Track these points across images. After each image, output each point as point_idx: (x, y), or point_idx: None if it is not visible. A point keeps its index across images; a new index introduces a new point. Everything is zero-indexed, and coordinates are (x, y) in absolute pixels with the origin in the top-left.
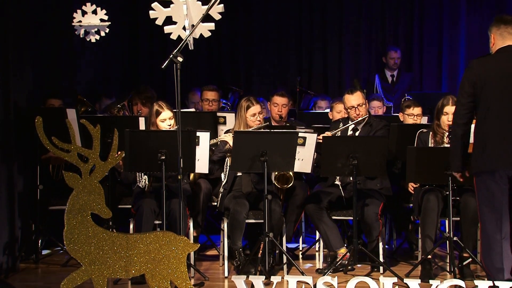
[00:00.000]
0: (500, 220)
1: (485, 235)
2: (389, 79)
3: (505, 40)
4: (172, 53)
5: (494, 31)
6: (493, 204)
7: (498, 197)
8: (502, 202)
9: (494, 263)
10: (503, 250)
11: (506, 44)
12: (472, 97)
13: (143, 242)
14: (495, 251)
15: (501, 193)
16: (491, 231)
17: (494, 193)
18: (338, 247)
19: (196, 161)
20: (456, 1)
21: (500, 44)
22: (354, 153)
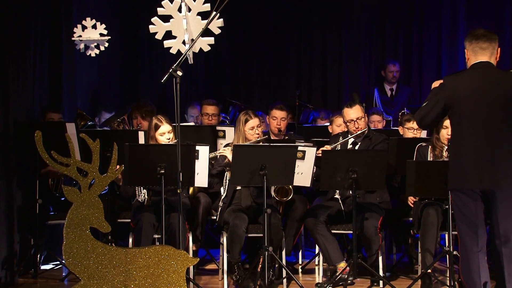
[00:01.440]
0: (476, 234)
1: (463, 250)
2: (388, 93)
3: (477, 56)
4: (171, 67)
5: (467, 46)
6: (469, 219)
7: (473, 212)
8: (477, 217)
9: (473, 277)
10: (480, 263)
11: (478, 60)
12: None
13: (142, 257)
14: (473, 266)
15: (475, 208)
16: (469, 246)
17: (469, 208)
18: (338, 261)
19: (196, 175)
20: (455, 15)
21: (473, 60)
22: (353, 167)
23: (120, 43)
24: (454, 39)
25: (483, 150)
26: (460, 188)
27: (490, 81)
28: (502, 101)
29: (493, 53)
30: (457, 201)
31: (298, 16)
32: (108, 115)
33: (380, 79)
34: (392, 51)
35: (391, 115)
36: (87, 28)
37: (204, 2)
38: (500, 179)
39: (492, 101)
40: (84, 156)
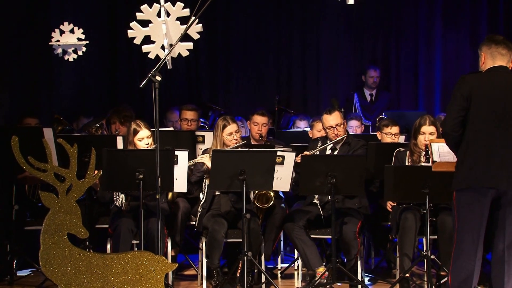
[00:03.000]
0: (477, 241)
1: (459, 255)
2: (368, 98)
3: (495, 60)
4: (150, 72)
5: (485, 50)
6: (473, 224)
7: (478, 216)
8: (482, 223)
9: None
10: (475, 271)
11: (497, 64)
12: (464, 111)
13: (121, 262)
14: (468, 273)
15: (481, 213)
16: (466, 252)
17: (475, 212)
18: (317, 266)
19: (175, 180)
20: (432, 22)
21: (490, 63)
22: (332, 172)
23: (99, 47)
24: (431, 46)
25: (498, 151)
26: (474, 186)
27: (508, 84)
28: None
29: (510, 60)
30: (463, 203)
31: (278, 21)
32: (86, 120)
33: (360, 84)
34: (371, 57)
35: (370, 120)
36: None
37: (183, 7)
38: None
39: (509, 104)
40: (62, 161)
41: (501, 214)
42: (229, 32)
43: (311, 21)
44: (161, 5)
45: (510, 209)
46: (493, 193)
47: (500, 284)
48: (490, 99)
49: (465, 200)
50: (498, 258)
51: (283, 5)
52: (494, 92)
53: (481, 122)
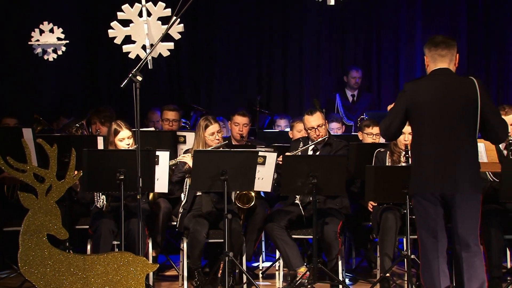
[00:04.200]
0: (436, 239)
1: (423, 255)
2: (349, 99)
3: (436, 63)
4: (131, 72)
5: (427, 53)
6: (429, 224)
7: (433, 217)
8: (437, 222)
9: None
10: (440, 268)
11: (438, 67)
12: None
13: (101, 263)
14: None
15: (435, 213)
16: (429, 250)
17: (429, 213)
18: (298, 266)
19: (156, 181)
20: (412, 22)
21: (432, 66)
22: (314, 172)
23: (79, 47)
24: (411, 47)
25: (443, 155)
26: (421, 192)
27: (449, 87)
28: (461, 106)
29: (452, 59)
30: (417, 206)
31: (259, 21)
32: (67, 120)
33: (342, 84)
34: (353, 57)
35: (352, 121)
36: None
37: (165, 7)
38: (459, 183)
39: (452, 107)
40: (41, 162)
41: (453, 216)
42: (210, 32)
43: (293, 22)
44: (142, 5)
45: (460, 211)
46: (441, 196)
47: (462, 283)
48: (430, 105)
49: (419, 204)
50: (457, 258)
51: (265, 6)
52: (434, 97)
53: (425, 128)
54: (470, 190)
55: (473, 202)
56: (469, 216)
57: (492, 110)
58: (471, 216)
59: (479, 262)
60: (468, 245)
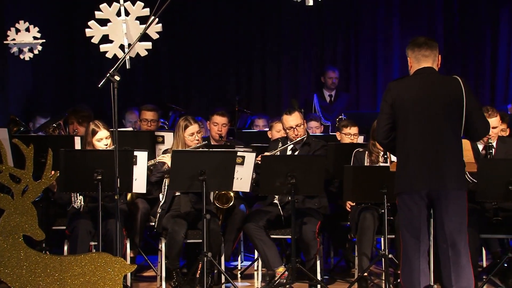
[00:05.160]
0: (419, 239)
1: (404, 254)
2: (327, 99)
3: (420, 63)
4: (109, 72)
5: (410, 54)
6: (412, 224)
7: (417, 216)
8: (420, 221)
9: (413, 282)
10: (420, 268)
11: (422, 66)
12: (391, 118)
13: (78, 264)
14: (413, 270)
15: (419, 213)
16: (410, 250)
17: (413, 212)
18: (277, 266)
19: (134, 181)
20: (389, 23)
21: (416, 66)
22: (292, 172)
23: (56, 46)
24: (389, 48)
25: (429, 153)
26: (407, 191)
27: (435, 85)
28: (446, 104)
29: (435, 60)
30: (402, 206)
31: (237, 20)
32: (43, 120)
33: (320, 85)
34: (331, 58)
35: (329, 121)
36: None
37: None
38: (446, 181)
39: (437, 105)
40: (17, 162)
41: (439, 214)
42: (188, 32)
43: (271, 21)
44: (120, 4)
45: (446, 209)
46: (427, 194)
47: (449, 282)
48: (415, 102)
49: (403, 203)
50: (444, 257)
51: (243, 5)
52: (419, 95)
53: (410, 126)
54: (456, 187)
55: (459, 199)
56: (456, 213)
57: (476, 107)
58: (458, 214)
59: (467, 261)
60: (455, 244)
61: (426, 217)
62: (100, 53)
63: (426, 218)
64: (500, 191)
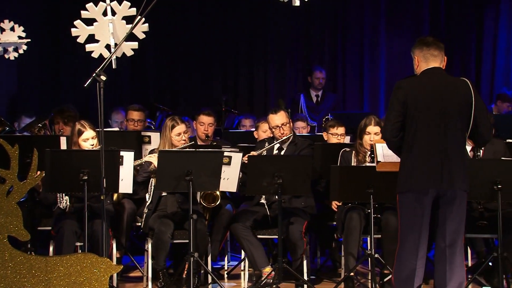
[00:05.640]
0: (418, 241)
1: (401, 253)
2: (314, 99)
3: (428, 62)
4: (95, 72)
5: (417, 54)
6: (414, 224)
7: (420, 218)
8: (422, 223)
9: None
10: (416, 270)
11: (430, 66)
12: (401, 116)
13: (64, 265)
14: (409, 271)
15: (422, 214)
16: (408, 251)
17: (417, 213)
18: (263, 266)
19: (120, 181)
20: (376, 25)
21: (424, 66)
22: (279, 172)
23: (41, 46)
24: (375, 48)
25: (438, 153)
26: (414, 189)
27: (446, 86)
28: (458, 106)
29: (442, 60)
30: (405, 204)
31: (224, 21)
32: (29, 120)
33: (307, 85)
34: (318, 58)
35: (316, 121)
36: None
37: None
38: (454, 181)
39: (448, 106)
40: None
41: (442, 214)
42: (175, 31)
43: (258, 22)
44: (107, 4)
45: (451, 209)
46: (433, 194)
47: (443, 281)
48: (426, 102)
49: (407, 202)
50: (440, 256)
51: (230, 5)
52: (430, 95)
53: (420, 125)
54: (463, 187)
55: (463, 200)
56: (458, 214)
57: (483, 111)
58: (460, 214)
59: (461, 261)
60: (454, 244)
61: (429, 220)
62: (86, 52)
63: (428, 221)
64: (486, 191)
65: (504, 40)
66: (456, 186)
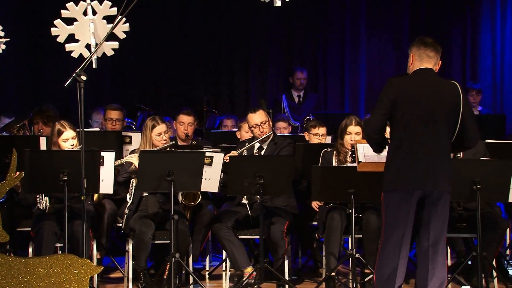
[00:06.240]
0: (402, 240)
1: (383, 252)
2: (295, 99)
3: (422, 62)
4: (75, 72)
5: (414, 51)
6: (399, 223)
7: (405, 217)
8: (407, 222)
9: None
10: (398, 270)
11: (424, 66)
12: (388, 115)
13: (43, 266)
14: (391, 270)
15: (407, 214)
16: (391, 249)
17: (403, 212)
18: (245, 266)
19: (101, 182)
20: (357, 26)
21: (417, 65)
22: (260, 172)
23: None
24: (356, 48)
25: (425, 153)
26: (400, 188)
27: (436, 87)
28: (445, 107)
29: (436, 63)
30: (390, 203)
31: (206, 21)
32: (8, 120)
33: (288, 85)
34: (299, 59)
35: (298, 121)
36: None
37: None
38: (439, 182)
39: (436, 106)
40: None
41: (427, 213)
42: (156, 31)
43: (239, 21)
44: (88, 3)
45: (436, 209)
46: (419, 193)
47: (425, 280)
48: (416, 102)
49: (392, 201)
50: (423, 255)
51: (211, 5)
52: (420, 95)
53: (408, 125)
54: (446, 188)
55: (446, 202)
56: (442, 214)
57: (471, 115)
58: (444, 215)
59: (442, 260)
60: (437, 244)
61: (413, 220)
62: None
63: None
64: (465, 190)
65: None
66: (441, 187)
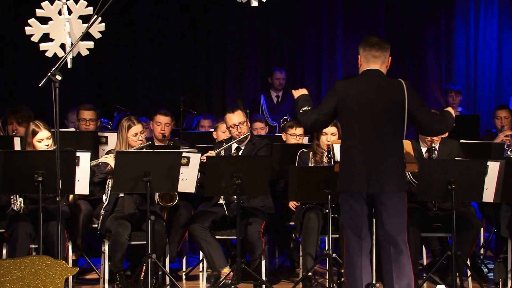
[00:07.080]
0: (360, 237)
1: (347, 253)
2: (274, 99)
3: (369, 63)
4: (50, 71)
5: (361, 53)
6: (354, 222)
7: (359, 215)
8: (362, 220)
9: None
10: (363, 266)
11: (370, 67)
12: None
13: (17, 268)
14: (355, 268)
15: (361, 211)
16: (353, 248)
17: (355, 210)
18: (222, 267)
19: (76, 182)
20: (333, 26)
21: (365, 66)
22: (237, 173)
23: None
24: (333, 48)
25: (370, 154)
26: (348, 189)
27: (379, 88)
28: (389, 107)
29: (384, 61)
30: (344, 204)
31: (182, 21)
32: None
33: (267, 85)
34: (277, 59)
35: (277, 121)
36: None
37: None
38: (384, 183)
39: (380, 107)
40: None
41: (378, 214)
42: (133, 31)
43: (216, 22)
44: (63, 3)
45: (385, 209)
46: (364, 195)
47: (390, 281)
48: (360, 105)
49: (345, 202)
50: (386, 256)
51: (187, 5)
52: (364, 97)
53: (353, 127)
54: (394, 189)
55: (398, 200)
56: (396, 213)
57: (420, 109)
58: (398, 213)
59: (407, 259)
60: (396, 243)
61: (368, 215)
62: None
63: (368, 217)
64: (440, 190)
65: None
66: (386, 189)
